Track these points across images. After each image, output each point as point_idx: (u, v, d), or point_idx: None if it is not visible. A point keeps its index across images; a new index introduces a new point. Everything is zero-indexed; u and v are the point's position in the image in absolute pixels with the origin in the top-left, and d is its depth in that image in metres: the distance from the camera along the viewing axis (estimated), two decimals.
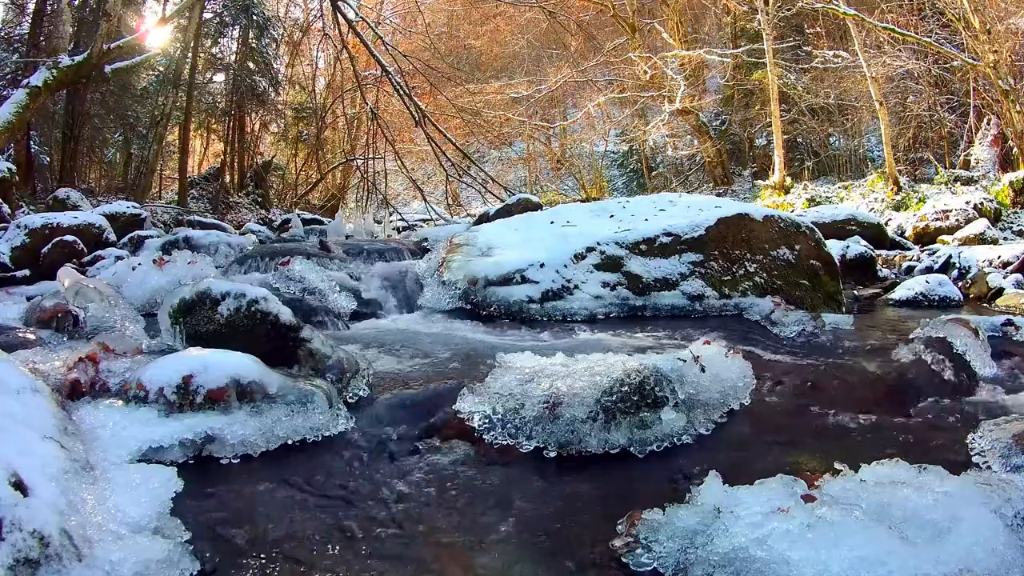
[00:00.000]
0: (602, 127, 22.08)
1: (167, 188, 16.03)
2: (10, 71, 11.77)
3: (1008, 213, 10.30)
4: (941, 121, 14.58)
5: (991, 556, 1.22)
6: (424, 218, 13.78)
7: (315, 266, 4.00)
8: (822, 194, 14.45)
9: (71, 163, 12.30)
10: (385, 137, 12.30)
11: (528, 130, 21.90)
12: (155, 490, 1.54)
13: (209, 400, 1.86)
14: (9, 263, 5.77)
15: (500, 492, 1.72)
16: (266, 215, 14.20)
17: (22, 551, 1.13)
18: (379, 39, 12.13)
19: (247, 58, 16.74)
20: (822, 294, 4.21)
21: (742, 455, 1.91)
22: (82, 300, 3.09)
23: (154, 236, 7.01)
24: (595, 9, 19.32)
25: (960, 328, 2.72)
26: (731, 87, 19.01)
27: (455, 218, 12.14)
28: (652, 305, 3.82)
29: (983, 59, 11.29)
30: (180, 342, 2.30)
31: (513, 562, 1.42)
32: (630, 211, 4.67)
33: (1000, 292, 5.14)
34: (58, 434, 1.56)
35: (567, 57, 20.80)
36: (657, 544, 1.39)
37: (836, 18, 14.45)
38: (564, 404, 1.91)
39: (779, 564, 1.20)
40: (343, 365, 2.27)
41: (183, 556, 1.32)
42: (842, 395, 2.33)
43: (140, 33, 9.27)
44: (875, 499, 1.36)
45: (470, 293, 3.75)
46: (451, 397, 2.10)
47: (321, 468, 1.81)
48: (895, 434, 2.11)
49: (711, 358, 2.19)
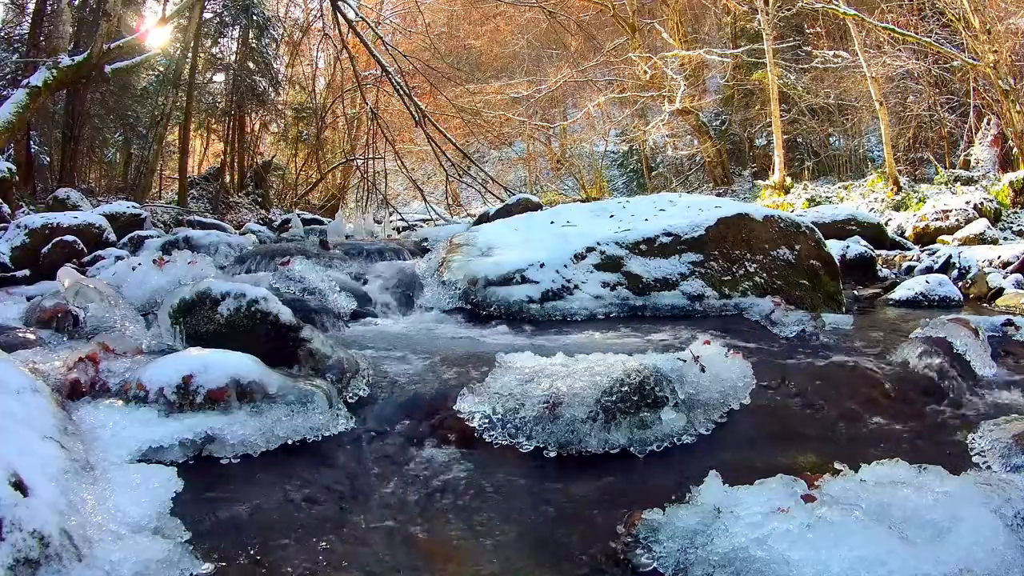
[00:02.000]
0: (602, 127, 22.07)
1: (167, 188, 16.02)
2: (10, 71, 11.76)
3: (1008, 213, 10.30)
4: (941, 121, 14.58)
5: (991, 556, 1.22)
6: (424, 218, 13.77)
7: (315, 266, 3.99)
8: (822, 194, 14.44)
9: (71, 163, 12.29)
10: (385, 137, 12.29)
11: (528, 130, 21.89)
12: (155, 490, 1.54)
13: (209, 400, 1.86)
14: (9, 263, 5.77)
15: (500, 492, 1.72)
16: (266, 215, 14.18)
17: (22, 551, 1.13)
18: (379, 39, 12.13)
19: (247, 58, 16.72)
20: (822, 294, 4.21)
21: (742, 455, 1.91)
22: (82, 300, 3.09)
23: (154, 236, 6.99)
24: (595, 9, 19.31)
25: (960, 328, 2.72)
26: (731, 87, 19.00)
27: (455, 218, 12.13)
28: (652, 305, 3.82)
29: (983, 59, 11.29)
30: (180, 342, 2.30)
31: (513, 562, 1.42)
32: (630, 211, 4.67)
33: (1000, 292, 5.14)
34: (58, 434, 1.56)
35: (567, 57, 20.79)
36: (657, 544, 1.39)
37: (836, 18, 14.44)
38: (564, 404, 1.91)
39: (779, 564, 1.20)
40: (343, 365, 2.27)
41: (183, 556, 1.32)
42: (842, 395, 2.33)
43: (140, 33, 9.26)
44: (875, 499, 1.37)
45: (470, 293, 3.75)
46: (451, 397, 2.10)
47: (321, 468, 1.82)
48: (895, 434, 2.11)
49: (711, 358, 2.19)
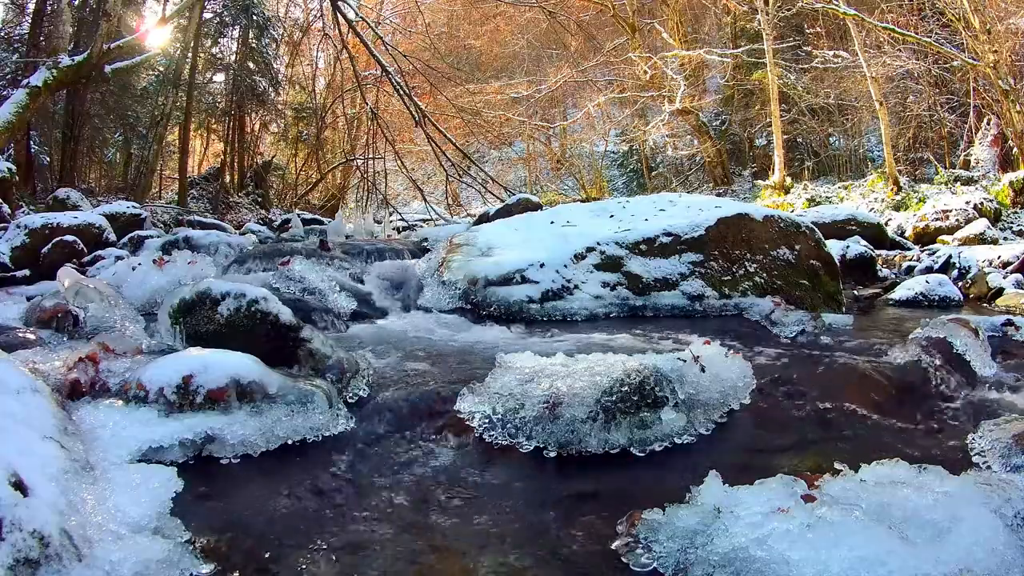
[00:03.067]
0: (602, 127, 22.07)
1: (167, 188, 16.03)
2: (10, 71, 11.76)
3: (1008, 213, 10.30)
4: (941, 121, 14.58)
5: (991, 556, 1.21)
6: (424, 218, 13.77)
7: (315, 266, 4.00)
8: (822, 194, 14.44)
9: (71, 163, 12.29)
10: (385, 137, 12.29)
11: (528, 130, 21.89)
12: (155, 490, 1.54)
13: (209, 400, 1.86)
14: (9, 263, 5.76)
15: (500, 492, 1.72)
16: (266, 215, 14.18)
17: (22, 551, 1.13)
18: (379, 39, 12.13)
19: (247, 58, 16.72)
20: (822, 294, 4.21)
21: (742, 455, 1.91)
22: (82, 300, 3.09)
23: (154, 236, 6.99)
24: (595, 9, 19.31)
25: (960, 328, 2.72)
26: (731, 87, 19.00)
27: (455, 218, 12.13)
28: (652, 305, 3.82)
29: (983, 59, 11.29)
30: (180, 342, 2.30)
31: (513, 562, 1.42)
32: (630, 211, 4.67)
33: (1000, 292, 5.14)
34: (58, 434, 1.56)
35: (567, 57, 20.79)
36: (657, 544, 1.39)
37: (836, 18, 14.44)
38: (564, 404, 1.91)
39: (779, 564, 1.20)
40: (343, 365, 2.27)
41: (183, 556, 1.32)
42: (842, 395, 2.33)
43: (140, 33, 9.27)
44: (875, 499, 1.36)
45: (470, 293, 3.75)
46: (451, 397, 2.10)
47: (321, 468, 1.81)
48: (895, 434, 2.11)
49: (711, 358, 2.19)
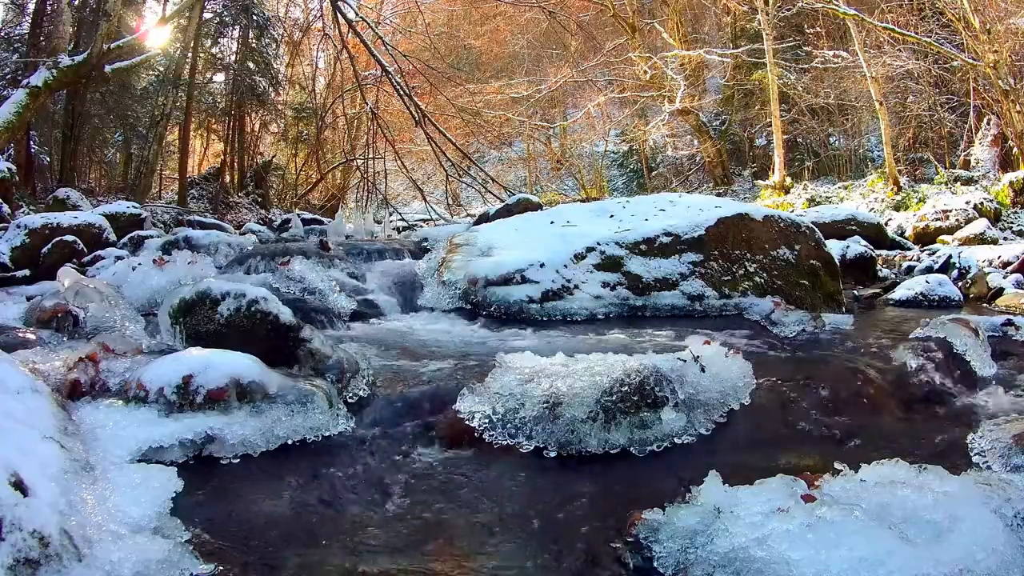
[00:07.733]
0: (602, 127, 22.06)
1: (167, 188, 16.03)
2: (10, 71, 11.76)
3: (1008, 213, 10.30)
4: (941, 121, 14.56)
5: (991, 556, 1.21)
6: (424, 218, 13.76)
7: (315, 266, 3.99)
8: (822, 194, 14.44)
9: (71, 163, 12.29)
10: (385, 137, 12.28)
11: (528, 130, 21.88)
12: (155, 490, 1.54)
13: (209, 400, 1.86)
14: (9, 263, 5.76)
15: (500, 492, 1.72)
16: (266, 215, 14.17)
17: (22, 551, 1.13)
18: (379, 39, 12.11)
19: (247, 58, 16.72)
20: (822, 294, 4.21)
21: (742, 455, 1.91)
22: (82, 300, 3.09)
23: (154, 236, 6.98)
24: (595, 9, 19.30)
25: (960, 328, 2.72)
26: (731, 87, 18.99)
27: (455, 218, 12.12)
28: (652, 305, 3.82)
29: (983, 59, 11.28)
30: (180, 342, 2.30)
31: (513, 562, 1.42)
32: (630, 211, 4.67)
33: (1000, 292, 5.13)
34: (58, 434, 1.56)
35: (567, 57, 20.78)
36: (657, 544, 1.39)
37: (836, 18, 14.43)
38: (564, 404, 1.91)
39: (779, 564, 1.20)
40: (343, 365, 2.27)
41: (183, 556, 1.32)
42: (842, 395, 2.33)
43: (140, 33, 9.25)
44: (875, 499, 1.36)
45: (470, 293, 3.76)
46: (451, 397, 2.10)
47: (321, 468, 1.81)
48: (895, 434, 2.11)
49: (711, 358, 2.19)
